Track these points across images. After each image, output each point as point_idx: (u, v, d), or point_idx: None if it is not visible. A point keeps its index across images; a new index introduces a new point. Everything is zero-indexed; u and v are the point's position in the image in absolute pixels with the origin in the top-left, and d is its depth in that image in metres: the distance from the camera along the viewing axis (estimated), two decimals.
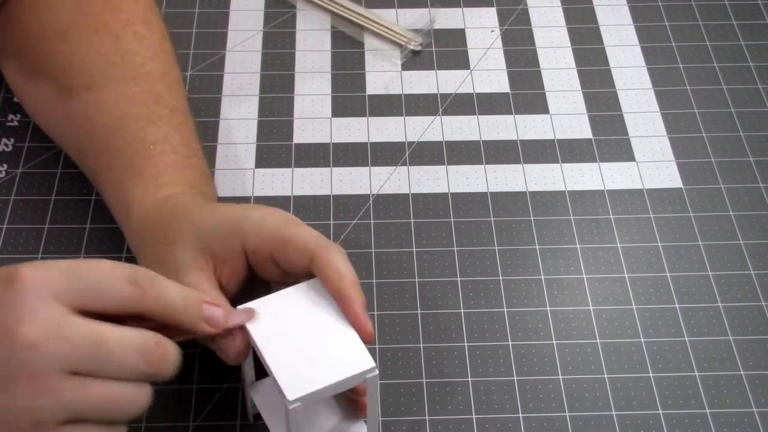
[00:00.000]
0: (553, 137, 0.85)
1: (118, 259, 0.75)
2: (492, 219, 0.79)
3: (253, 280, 0.65)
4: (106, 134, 0.72)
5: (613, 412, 0.68)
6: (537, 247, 0.77)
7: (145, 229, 0.68)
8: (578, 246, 0.77)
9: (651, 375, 0.70)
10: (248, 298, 0.62)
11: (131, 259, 0.75)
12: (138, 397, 0.55)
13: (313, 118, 0.86)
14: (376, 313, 0.73)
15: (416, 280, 0.75)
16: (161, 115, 0.73)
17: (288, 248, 0.62)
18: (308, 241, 0.62)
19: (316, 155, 0.83)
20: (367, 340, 0.60)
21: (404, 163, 0.83)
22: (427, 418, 0.68)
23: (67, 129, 0.76)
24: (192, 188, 0.70)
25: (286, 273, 0.63)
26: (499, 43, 0.92)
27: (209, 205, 0.68)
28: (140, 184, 0.69)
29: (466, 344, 0.71)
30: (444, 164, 0.83)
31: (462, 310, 0.73)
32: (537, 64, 0.91)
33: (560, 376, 0.70)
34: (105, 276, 0.55)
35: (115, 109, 0.73)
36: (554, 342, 0.72)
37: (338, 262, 0.61)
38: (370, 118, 0.86)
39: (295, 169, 0.82)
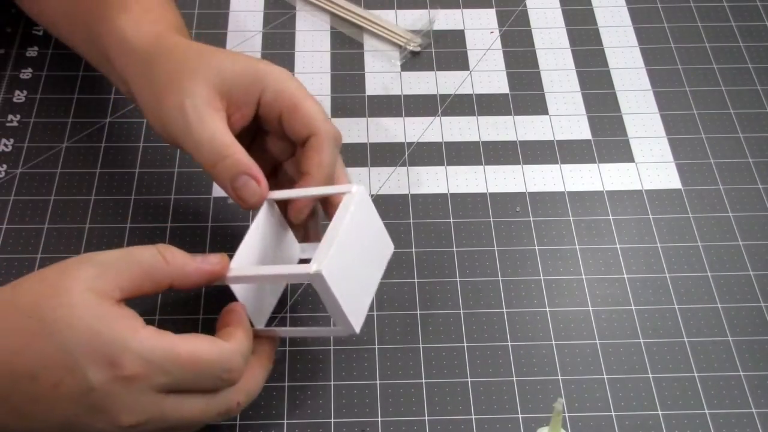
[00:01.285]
0: (552, 138, 0.85)
1: None
2: (491, 220, 0.79)
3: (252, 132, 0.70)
4: None
5: (613, 413, 0.68)
6: (536, 247, 0.77)
7: (151, 56, 0.69)
8: (577, 247, 0.77)
9: (650, 376, 0.70)
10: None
11: None
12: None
13: None
14: (375, 313, 0.73)
15: (415, 280, 0.75)
16: None
17: (297, 116, 0.67)
18: (315, 119, 0.67)
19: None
20: (292, 219, 0.68)
21: (404, 164, 0.83)
22: (426, 418, 0.68)
23: None
24: (176, 28, 0.72)
25: (283, 132, 0.68)
26: (498, 44, 0.92)
27: (225, 51, 0.70)
28: (131, 17, 0.71)
29: (465, 345, 0.71)
30: (443, 165, 0.83)
31: (461, 311, 0.73)
32: (536, 65, 0.91)
33: (559, 377, 0.70)
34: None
35: None
36: (553, 342, 0.72)
37: (326, 150, 0.67)
38: (369, 119, 0.86)
39: None
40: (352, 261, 0.63)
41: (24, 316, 0.57)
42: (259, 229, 0.67)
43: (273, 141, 0.71)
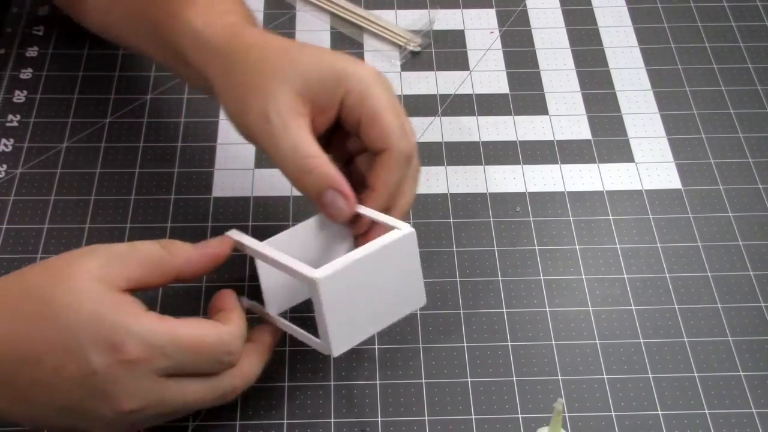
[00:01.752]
0: (552, 138, 0.85)
1: None
2: (491, 220, 0.79)
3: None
4: None
5: (613, 413, 0.68)
6: (536, 247, 0.77)
7: (228, 53, 0.67)
8: (577, 247, 0.77)
9: (650, 376, 0.70)
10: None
11: None
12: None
13: None
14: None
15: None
16: None
17: (374, 127, 0.65)
18: (392, 135, 0.65)
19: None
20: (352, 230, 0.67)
21: None
22: (426, 418, 0.68)
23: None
24: (247, 18, 0.70)
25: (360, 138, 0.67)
26: (498, 44, 0.92)
27: (307, 48, 0.67)
28: (200, 11, 0.69)
29: (465, 345, 0.71)
30: (443, 165, 0.83)
31: (461, 311, 0.73)
32: (536, 65, 0.91)
33: (559, 377, 0.70)
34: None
35: None
36: (553, 342, 0.72)
37: (396, 170, 0.66)
38: None
39: None
40: (361, 287, 0.62)
41: (29, 301, 0.57)
42: (308, 227, 0.67)
43: (351, 137, 0.69)
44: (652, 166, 0.83)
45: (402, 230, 0.64)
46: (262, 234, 0.77)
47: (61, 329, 0.56)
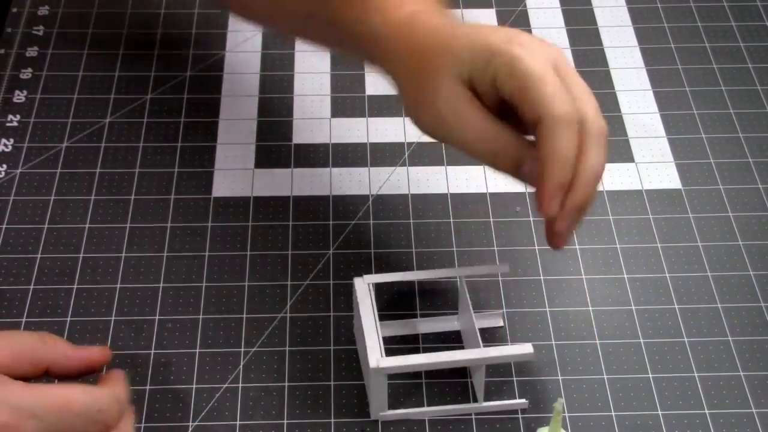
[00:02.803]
0: None
1: (117, 258, 0.75)
2: (491, 220, 0.79)
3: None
4: None
5: (613, 413, 0.68)
6: (536, 247, 0.77)
7: (402, 53, 0.66)
8: (577, 247, 0.77)
9: (650, 376, 0.70)
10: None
11: (129, 259, 0.75)
12: None
13: (313, 118, 0.86)
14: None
15: (416, 280, 0.75)
16: None
17: (525, 98, 0.60)
18: (542, 102, 0.60)
19: (315, 155, 0.83)
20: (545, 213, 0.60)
21: (404, 164, 0.83)
22: (426, 418, 0.68)
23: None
24: (426, 2, 0.68)
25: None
26: None
27: (465, 30, 0.64)
28: (376, 6, 0.67)
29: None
30: (443, 165, 0.83)
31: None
32: None
33: (559, 377, 0.70)
34: None
35: None
36: (553, 342, 0.72)
37: (558, 138, 0.60)
38: (369, 119, 0.86)
39: (294, 169, 0.82)
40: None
41: None
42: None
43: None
44: (652, 166, 0.83)
45: (525, 350, 0.66)
46: (262, 233, 0.77)
47: None
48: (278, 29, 0.82)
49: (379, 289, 0.73)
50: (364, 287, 0.68)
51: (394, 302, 0.74)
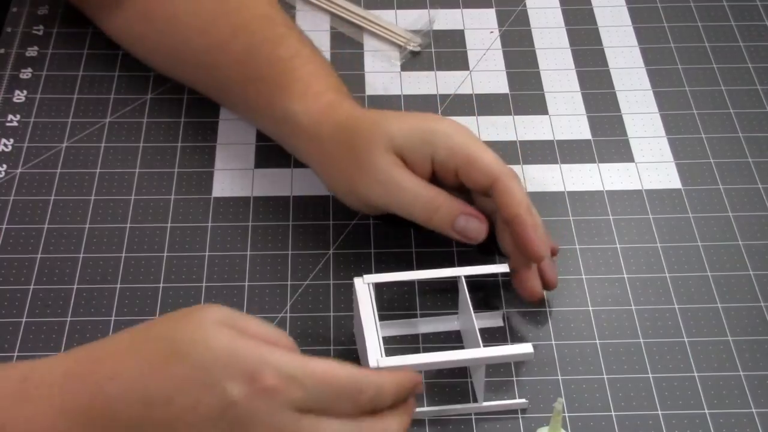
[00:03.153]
0: (552, 138, 0.85)
1: (117, 258, 0.75)
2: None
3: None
4: (240, 69, 0.78)
5: (613, 413, 0.68)
6: None
7: (325, 135, 0.73)
8: (577, 246, 0.77)
9: (650, 375, 0.70)
10: None
11: (129, 259, 0.75)
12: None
13: None
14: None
15: (416, 280, 0.75)
16: (282, 34, 0.79)
17: (473, 168, 0.70)
18: (492, 166, 0.70)
19: None
20: (535, 260, 0.70)
21: None
22: (426, 418, 0.68)
23: (192, 73, 0.83)
24: (339, 93, 0.77)
25: (459, 185, 0.72)
26: (498, 44, 0.92)
27: (393, 114, 0.74)
28: (295, 97, 0.75)
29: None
30: None
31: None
32: (536, 65, 0.91)
33: (559, 377, 0.70)
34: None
35: (237, 44, 0.79)
36: (553, 342, 0.72)
37: (516, 189, 0.70)
38: None
39: (294, 169, 0.82)
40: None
41: (155, 342, 0.56)
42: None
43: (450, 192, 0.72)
44: (652, 165, 0.83)
45: (524, 350, 0.66)
46: (262, 233, 0.77)
47: (194, 366, 0.55)
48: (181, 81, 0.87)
49: (379, 289, 0.73)
50: (364, 287, 0.68)
51: (394, 302, 0.74)
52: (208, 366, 0.55)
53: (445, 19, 0.95)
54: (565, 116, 0.87)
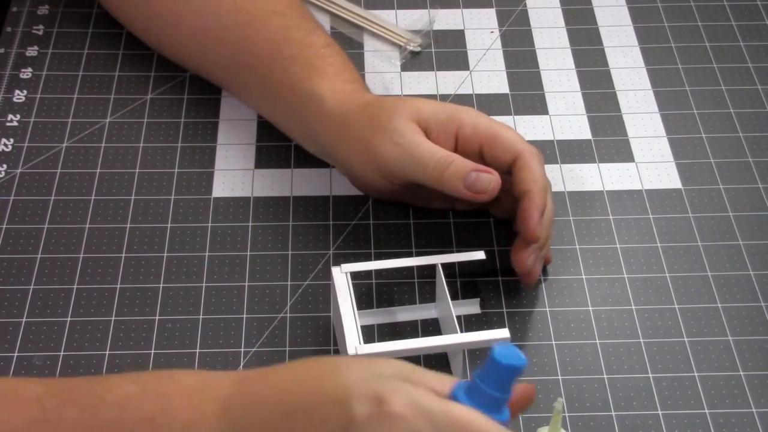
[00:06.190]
0: (552, 138, 0.85)
1: (117, 258, 0.75)
2: (491, 220, 0.79)
3: None
4: (272, 46, 0.80)
5: (613, 413, 0.68)
6: None
7: (349, 114, 0.75)
8: (577, 246, 0.77)
9: (650, 375, 0.70)
10: None
11: (129, 259, 0.75)
12: None
13: None
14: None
15: (416, 280, 0.75)
16: (314, 26, 0.82)
17: (497, 144, 0.72)
18: (515, 142, 0.72)
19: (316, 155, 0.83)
20: (532, 240, 0.70)
21: None
22: None
23: (219, 51, 0.82)
24: (365, 87, 0.79)
25: (483, 163, 0.72)
26: (498, 43, 0.92)
27: (418, 98, 0.77)
28: (325, 79, 0.77)
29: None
30: None
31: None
32: (536, 65, 0.91)
33: (559, 377, 0.70)
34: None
35: (272, 24, 0.80)
36: (553, 342, 0.72)
37: (535, 167, 0.71)
38: None
39: (294, 169, 0.82)
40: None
41: (312, 365, 0.56)
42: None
43: None
44: (652, 165, 0.83)
45: (501, 335, 0.67)
46: (262, 233, 0.77)
47: (337, 385, 0.54)
48: (202, 74, 0.88)
49: (358, 278, 0.72)
50: (342, 276, 0.69)
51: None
52: (347, 386, 0.54)
53: (445, 19, 0.95)
54: (566, 116, 0.87)
